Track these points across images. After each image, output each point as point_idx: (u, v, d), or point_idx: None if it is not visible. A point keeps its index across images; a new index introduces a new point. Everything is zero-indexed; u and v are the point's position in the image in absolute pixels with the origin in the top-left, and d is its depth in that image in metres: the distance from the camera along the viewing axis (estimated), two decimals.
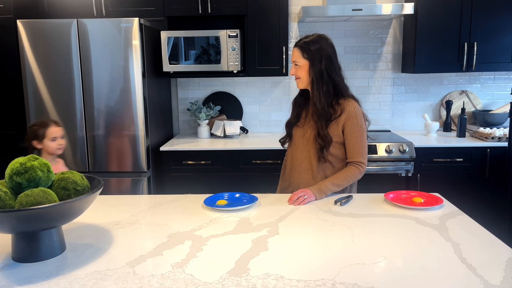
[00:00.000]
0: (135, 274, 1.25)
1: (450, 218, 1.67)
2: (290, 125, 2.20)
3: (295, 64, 2.07)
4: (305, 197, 1.89)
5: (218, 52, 3.37)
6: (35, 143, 2.38)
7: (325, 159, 2.04)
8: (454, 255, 1.35)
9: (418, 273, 1.24)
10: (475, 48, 3.37)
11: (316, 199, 1.92)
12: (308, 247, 1.43)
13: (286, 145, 2.25)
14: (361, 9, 3.21)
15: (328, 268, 1.27)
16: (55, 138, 2.39)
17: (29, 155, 1.37)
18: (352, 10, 3.20)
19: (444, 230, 1.56)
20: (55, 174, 1.42)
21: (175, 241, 1.49)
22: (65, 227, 1.60)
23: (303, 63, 2.03)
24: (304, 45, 2.02)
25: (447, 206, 1.82)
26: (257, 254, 1.38)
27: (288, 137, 2.21)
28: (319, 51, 1.99)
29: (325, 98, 2.00)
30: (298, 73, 2.06)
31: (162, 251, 1.41)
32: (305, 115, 2.14)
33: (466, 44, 3.38)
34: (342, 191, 2.03)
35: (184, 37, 3.38)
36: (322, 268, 1.27)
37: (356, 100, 2.05)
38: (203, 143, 3.50)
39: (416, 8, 3.33)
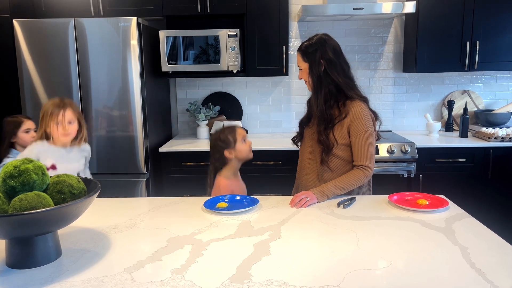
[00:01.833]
0: (133, 281, 1.21)
1: (456, 221, 1.63)
2: (302, 124, 2.19)
3: (299, 68, 2.07)
4: (307, 199, 1.85)
5: (217, 52, 3.33)
6: (227, 153, 2.11)
7: (327, 163, 2.00)
8: (463, 259, 1.31)
9: (426, 278, 1.20)
10: (477, 47, 3.33)
11: (318, 202, 1.88)
12: (312, 252, 1.38)
13: (299, 144, 2.22)
14: (362, 8, 3.17)
15: (333, 273, 1.23)
16: (245, 137, 2.16)
17: (23, 158, 1.32)
18: (353, 8, 3.16)
19: (451, 233, 1.52)
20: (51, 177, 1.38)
21: (175, 246, 1.45)
22: (60, 231, 1.55)
23: (304, 66, 2.03)
24: (304, 49, 2.02)
25: (453, 208, 1.78)
26: (259, 259, 1.33)
27: (299, 137, 2.20)
28: (318, 54, 1.97)
29: (324, 100, 1.98)
30: (303, 77, 2.06)
31: (161, 256, 1.37)
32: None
33: (468, 43, 3.34)
34: (349, 193, 1.99)
35: (183, 37, 3.33)
36: (327, 274, 1.23)
37: (364, 101, 2.01)
38: (203, 144, 3.45)
39: (417, 7, 3.29)
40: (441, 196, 1.91)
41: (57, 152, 2.17)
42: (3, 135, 2.66)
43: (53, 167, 2.11)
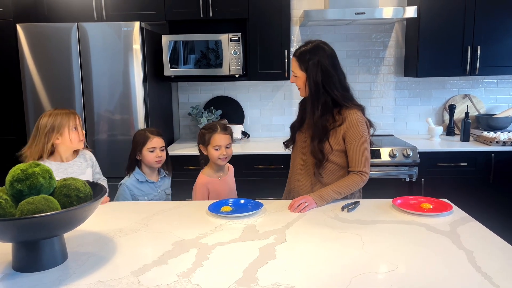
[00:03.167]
0: (140, 284, 1.21)
1: (460, 225, 1.64)
2: (294, 129, 2.17)
3: (293, 75, 2.02)
4: (306, 204, 1.85)
5: (220, 56, 3.34)
6: (202, 148, 2.20)
7: (319, 174, 2.00)
8: (468, 263, 1.31)
9: (432, 282, 1.20)
10: (479, 52, 3.35)
11: (317, 206, 1.88)
12: (318, 255, 1.39)
13: (290, 148, 2.21)
14: (364, 13, 3.18)
15: (339, 277, 1.23)
16: (219, 147, 2.15)
17: (31, 161, 1.33)
18: (355, 13, 3.18)
19: (456, 237, 1.52)
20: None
21: (180, 249, 1.45)
22: (66, 235, 1.55)
23: (300, 74, 1.98)
24: (301, 56, 1.97)
25: (457, 212, 1.79)
26: (265, 263, 1.34)
27: (291, 141, 2.18)
28: (315, 64, 1.93)
29: (322, 111, 1.94)
30: (297, 84, 2.03)
31: (167, 259, 1.37)
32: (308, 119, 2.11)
33: (469, 47, 3.35)
34: (344, 197, 1.99)
35: (185, 41, 3.35)
36: (333, 278, 1.23)
37: (361, 109, 2.00)
38: None
39: (419, 12, 3.31)
40: (445, 200, 1.91)
41: (61, 167, 2.12)
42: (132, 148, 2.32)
43: None
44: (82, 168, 2.21)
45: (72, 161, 2.18)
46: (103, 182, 2.29)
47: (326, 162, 1.98)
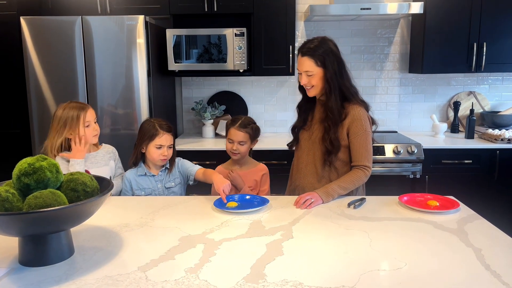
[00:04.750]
0: (148, 280, 1.20)
1: (468, 223, 1.63)
2: (296, 130, 2.17)
3: (307, 74, 1.96)
4: (312, 200, 1.84)
5: (224, 51, 3.32)
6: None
7: (331, 164, 2.00)
8: (477, 261, 1.31)
9: (441, 279, 1.19)
10: (484, 49, 3.33)
11: (323, 202, 1.87)
12: (325, 252, 1.38)
13: (294, 148, 2.22)
14: (369, 8, 3.16)
15: (347, 274, 1.23)
16: (232, 141, 2.24)
17: (38, 155, 1.32)
18: (361, 9, 3.16)
19: (464, 234, 1.51)
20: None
21: (187, 245, 1.44)
22: (72, 229, 1.54)
23: (317, 71, 1.95)
24: (313, 53, 1.93)
25: (464, 210, 1.78)
26: (272, 259, 1.33)
27: (295, 142, 2.19)
28: (330, 55, 1.93)
29: (340, 100, 1.97)
30: (313, 82, 1.97)
31: (174, 255, 1.36)
32: (311, 118, 2.11)
33: (475, 44, 3.33)
34: (348, 193, 1.98)
35: (189, 36, 3.33)
36: (341, 274, 1.23)
37: (364, 106, 2.00)
38: (208, 143, 3.45)
39: (424, 8, 3.28)
40: (451, 197, 1.90)
41: (87, 157, 2.10)
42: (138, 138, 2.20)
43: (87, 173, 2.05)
44: (106, 159, 2.21)
45: (95, 152, 2.17)
46: (120, 178, 2.24)
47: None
